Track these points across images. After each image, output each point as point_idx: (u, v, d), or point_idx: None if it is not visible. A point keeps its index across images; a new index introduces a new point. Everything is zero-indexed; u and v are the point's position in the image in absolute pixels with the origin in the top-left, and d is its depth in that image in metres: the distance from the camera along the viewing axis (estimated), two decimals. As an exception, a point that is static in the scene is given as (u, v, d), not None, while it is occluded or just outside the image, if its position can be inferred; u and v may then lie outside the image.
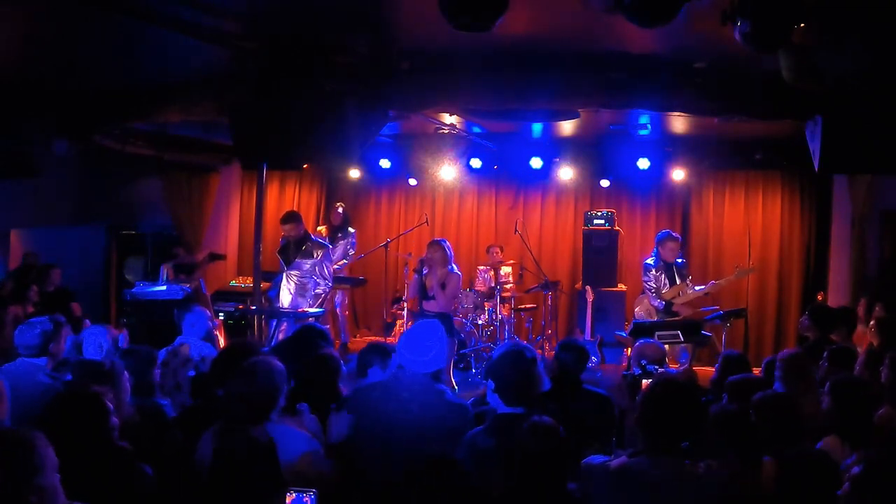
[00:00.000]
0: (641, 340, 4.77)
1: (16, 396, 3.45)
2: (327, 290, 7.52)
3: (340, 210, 9.58)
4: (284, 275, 7.49)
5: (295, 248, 7.43)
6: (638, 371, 3.60)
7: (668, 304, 7.34)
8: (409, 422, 3.28)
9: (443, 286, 7.31)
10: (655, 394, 2.92)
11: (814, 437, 3.38)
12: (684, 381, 3.15)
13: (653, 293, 7.42)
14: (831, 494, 2.55)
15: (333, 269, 9.12)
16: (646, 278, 7.51)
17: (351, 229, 9.58)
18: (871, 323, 5.63)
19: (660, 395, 2.90)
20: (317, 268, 7.37)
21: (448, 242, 7.71)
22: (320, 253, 7.43)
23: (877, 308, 6.52)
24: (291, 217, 7.58)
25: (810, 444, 3.26)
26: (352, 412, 3.41)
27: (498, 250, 9.70)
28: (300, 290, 7.37)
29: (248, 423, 3.06)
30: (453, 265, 7.47)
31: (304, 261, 7.38)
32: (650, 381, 3.40)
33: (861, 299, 7.05)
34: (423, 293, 7.66)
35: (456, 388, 7.59)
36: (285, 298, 7.41)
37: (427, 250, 7.58)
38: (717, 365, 4.66)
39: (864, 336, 5.86)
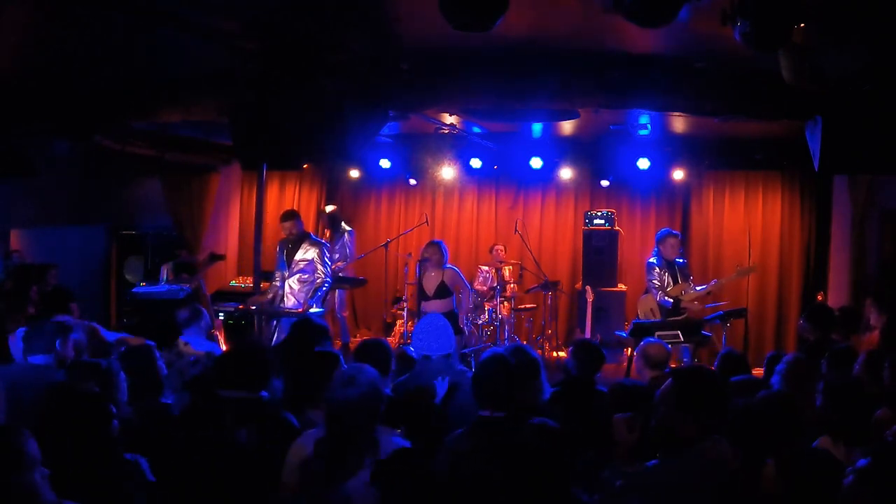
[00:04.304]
0: (646, 340, 4.76)
1: (21, 398, 3.46)
2: (328, 285, 7.50)
3: (327, 212, 9.61)
4: (281, 275, 7.47)
5: (294, 247, 7.43)
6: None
7: (677, 302, 7.32)
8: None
9: (444, 289, 7.37)
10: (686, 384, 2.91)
11: (812, 438, 3.39)
12: (707, 371, 3.15)
13: (658, 291, 7.41)
14: (832, 493, 2.55)
15: (334, 269, 9.17)
16: (650, 277, 7.50)
17: (347, 227, 9.58)
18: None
19: (692, 384, 2.90)
20: (317, 265, 7.37)
21: (445, 244, 7.74)
22: (318, 250, 7.42)
23: (874, 309, 6.50)
24: (290, 215, 7.57)
25: (808, 444, 3.27)
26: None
27: (501, 249, 9.70)
28: (302, 288, 7.36)
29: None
30: (447, 263, 7.52)
31: (303, 259, 7.38)
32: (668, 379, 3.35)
33: (867, 300, 7.02)
34: (423, 294, 7.67)
35: None
36: (288, 299, 7.40)
37: (425, 250, 7.61)
38: (715, 364, 4.65)
39: (870, 337, 5.84)
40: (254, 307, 7.37)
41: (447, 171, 9.70)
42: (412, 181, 10.42)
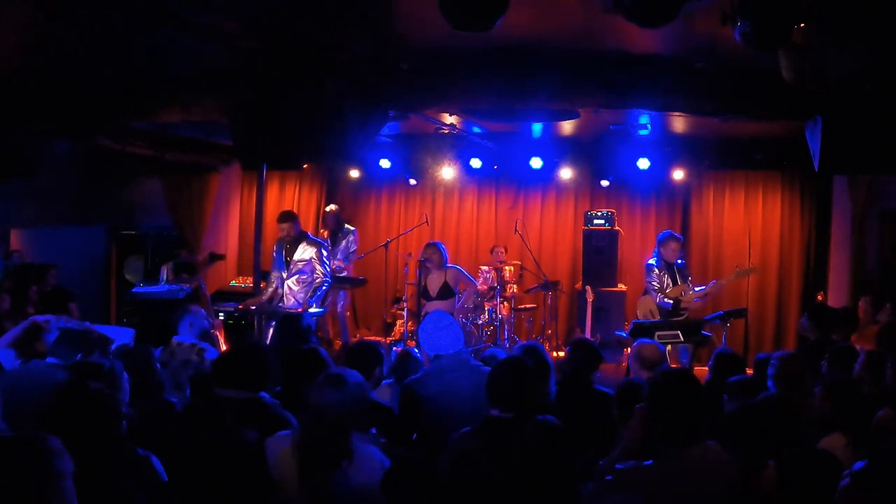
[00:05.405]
0: (639, 341, 4.75)
1: (21, 396, 3.45)
2: (327, 285, 7.50)
3: (331, 211, 9.60)
4: (279, 274, 7.47)
5: (292, 247, 7.43)
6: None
7: (677, 303, 7.31)
8: (461, 393, 3.86)
9: (447, 289, 7.38)
10: (661, 386, 2.92)
11: (812, 438, 3.38)
12: (688, 375, 3.16)
13: (657, 293, 7.40)
14: (833, 495, 2.54)
15: (335, 268, 9.17)
16: (649, 279, 7.48)
17: (350, 227, 9.58)
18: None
19: (666, 387, 2.90)
20: (316, 265, 7.37)
21: (443, 245, 7.76)
22: (316, 250, 7.42)
23: (887, 307, 6.51)
24: (288, 216, 7.56)
25: (810, 445, 3.26)
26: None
27: (502, 250, 9.70)
28: (301, 289, 7.36)
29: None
30: (447, 263, 7.54)
31: (301, 259, 7.38)
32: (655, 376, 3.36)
33: (866, 299, 7.03)
34: (425, 295, 7.68)
35: None
36: (287, 299, 7.40)
37: (424, 252, 7.63)
38: (709, 363, 4.64)
39: (870, 335, 5.85)
40: (253, 308, 7.37)
41: (447, 171, 9.70)
42: (412, 181, 10.42)
